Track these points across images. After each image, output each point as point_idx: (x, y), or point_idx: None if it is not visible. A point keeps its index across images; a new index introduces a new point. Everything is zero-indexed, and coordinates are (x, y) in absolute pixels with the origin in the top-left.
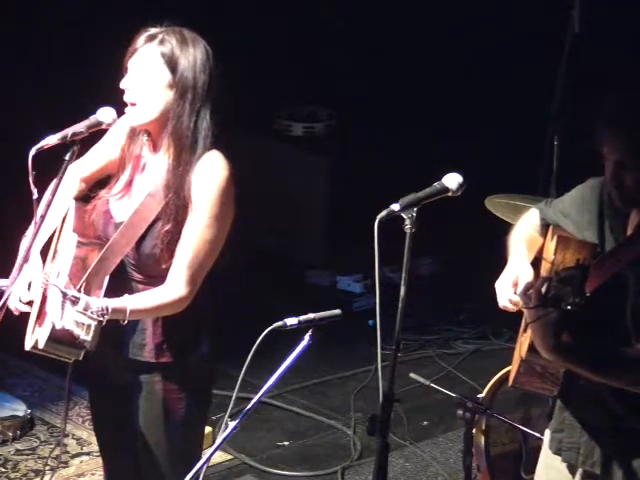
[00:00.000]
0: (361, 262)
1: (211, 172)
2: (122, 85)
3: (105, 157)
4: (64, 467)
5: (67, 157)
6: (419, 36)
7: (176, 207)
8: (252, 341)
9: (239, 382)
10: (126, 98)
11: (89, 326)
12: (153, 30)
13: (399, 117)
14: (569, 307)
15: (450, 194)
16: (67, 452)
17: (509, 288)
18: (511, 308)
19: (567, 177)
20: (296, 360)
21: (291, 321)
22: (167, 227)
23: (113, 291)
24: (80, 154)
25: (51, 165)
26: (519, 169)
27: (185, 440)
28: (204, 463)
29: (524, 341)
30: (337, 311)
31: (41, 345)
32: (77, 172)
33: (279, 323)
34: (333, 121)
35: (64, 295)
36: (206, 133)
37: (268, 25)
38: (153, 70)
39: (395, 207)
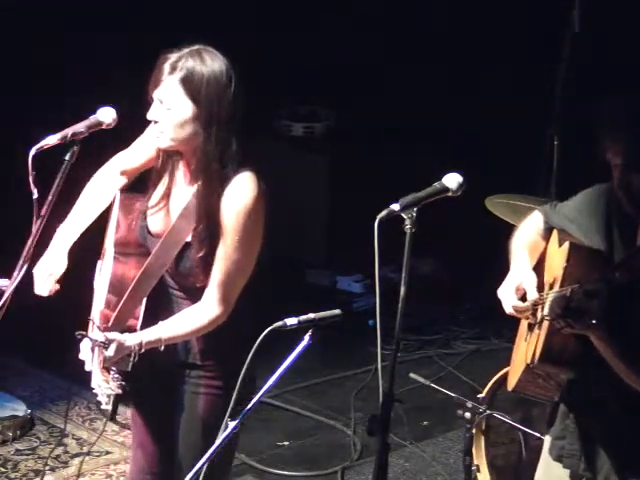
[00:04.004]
0: (361, 262)
1: (240, 195)
2: (149, 117)
3: (145, 153)
4: (64, 467)
5: (67, 157)
6: (419, 35)
7: (209, 232)
8: (252, 341)
9: (239, 382)
10: (155, 128)
11: (109, 396)
12: (174, 57)
13: (399, 117)
14: (594, 322)
15: (450, 194)
16: (67, 452)
17: (512, 295)
18: (516, 315)
19: (567, 177)
20: (296, 360)
21: (291, 321)
22: (201, 253)
23: (153, 301)
24: (80, 154)
25: (51, 165)
26: (519, 169)
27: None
28: (204, 463)
29: (529, 348)
30: (337, 311)
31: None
32: (120, 164)
33: (279, 323)
34: (333, 121)
35: (93, 342)
36: (234, 159)
37: (268, 25)
38: (177, 104)
39: (395, 207)
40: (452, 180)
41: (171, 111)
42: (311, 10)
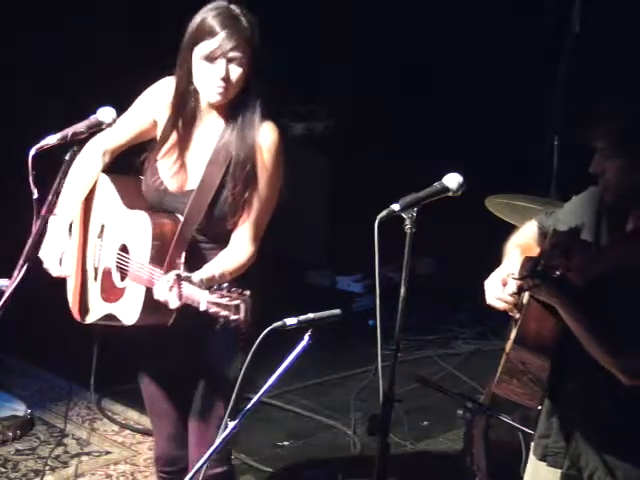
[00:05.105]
0: (361, 262)
1: (271, 138)
2: (221, 75)
3: (129, 132)
4: (64, 467)
5: (67, 157)
6: (419, 34)
7: (243, 173)
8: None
9: (239, 382)
10: (219, 85)
11: (237, 306)
12: (233, 16)
13: (399, 117)
14: (557, 273)
15: (450, 194)
16: (67, 452)
17: (498, 286)
18: (498, 306)
19: (567, 177)
20: (296, 360)
21: (291, 321)
22: (235, 192)
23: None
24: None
25: (51, 165)
26: (519, 169)
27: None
28: (204, 463)
29: (509, 341)
30: (337, 311)
31: (132, 321)
32: (103, 144)
33: (278, 323)
34: (333, 121)
35: (176, 278)
36: (269, 110)
37: (268, 25)
38: (247, 61)
39: (395, 207)
40: (452, 180)
41: (242, 68)
42: (311, 9)
